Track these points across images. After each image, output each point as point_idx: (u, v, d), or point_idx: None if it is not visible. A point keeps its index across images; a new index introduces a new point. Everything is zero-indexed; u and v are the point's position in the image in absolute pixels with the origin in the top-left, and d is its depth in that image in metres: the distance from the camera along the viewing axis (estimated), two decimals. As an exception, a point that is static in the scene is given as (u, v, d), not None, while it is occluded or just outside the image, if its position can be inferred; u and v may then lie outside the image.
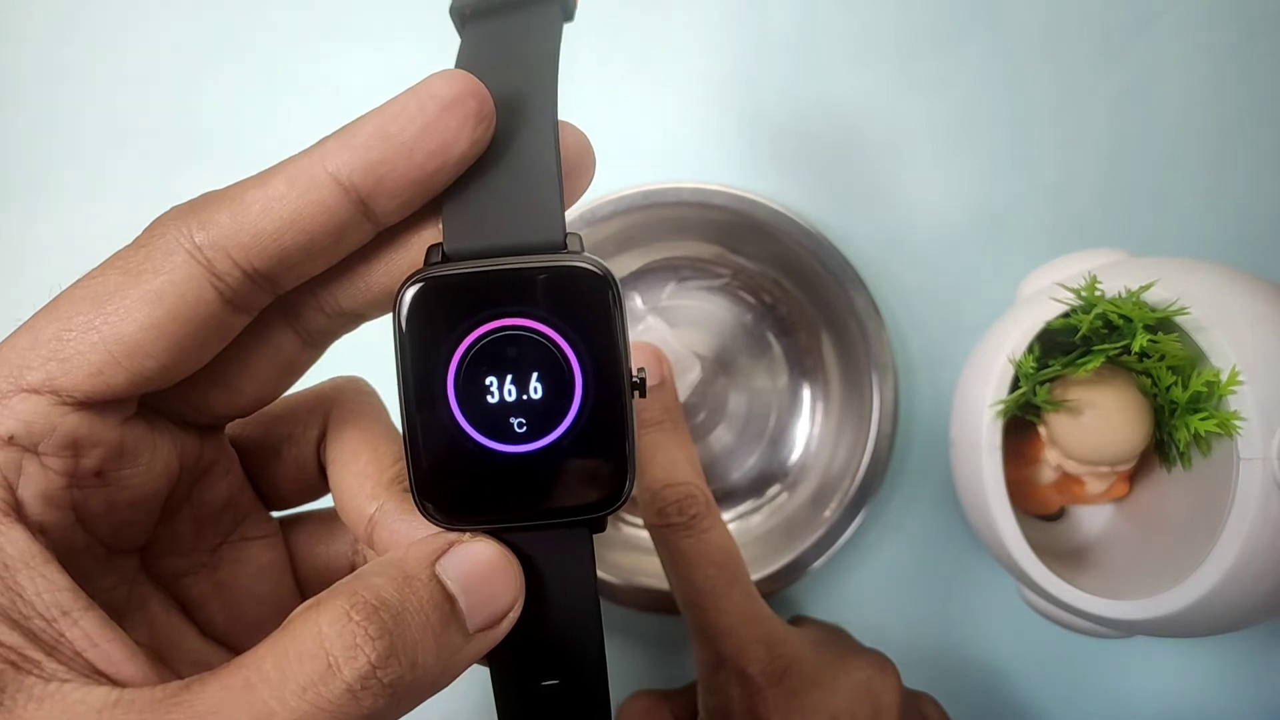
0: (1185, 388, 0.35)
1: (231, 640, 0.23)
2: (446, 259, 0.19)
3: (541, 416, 0.19)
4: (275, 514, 0.25)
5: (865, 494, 0.43)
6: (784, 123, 0.46)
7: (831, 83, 0.46)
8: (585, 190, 0.21)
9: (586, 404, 0.19)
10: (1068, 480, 0.40)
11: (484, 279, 0.18)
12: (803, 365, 0.46)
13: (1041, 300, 0.37)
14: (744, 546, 0.45)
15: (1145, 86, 0.46)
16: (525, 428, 0.19)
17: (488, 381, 0.19)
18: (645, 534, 0.46)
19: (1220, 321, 0.34)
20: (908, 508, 0.46)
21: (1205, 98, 0.46)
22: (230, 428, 0.24)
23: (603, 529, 0.20)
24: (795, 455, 0.47)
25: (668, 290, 0.46)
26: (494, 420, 0.19)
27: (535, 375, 0.19)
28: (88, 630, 0.17)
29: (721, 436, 0.46)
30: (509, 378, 0.19)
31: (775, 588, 0.43)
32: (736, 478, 0.46)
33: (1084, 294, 0.36)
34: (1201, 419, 0.34)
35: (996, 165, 0.46)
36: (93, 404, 0.18)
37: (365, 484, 0.22)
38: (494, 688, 0.21)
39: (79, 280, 0.19)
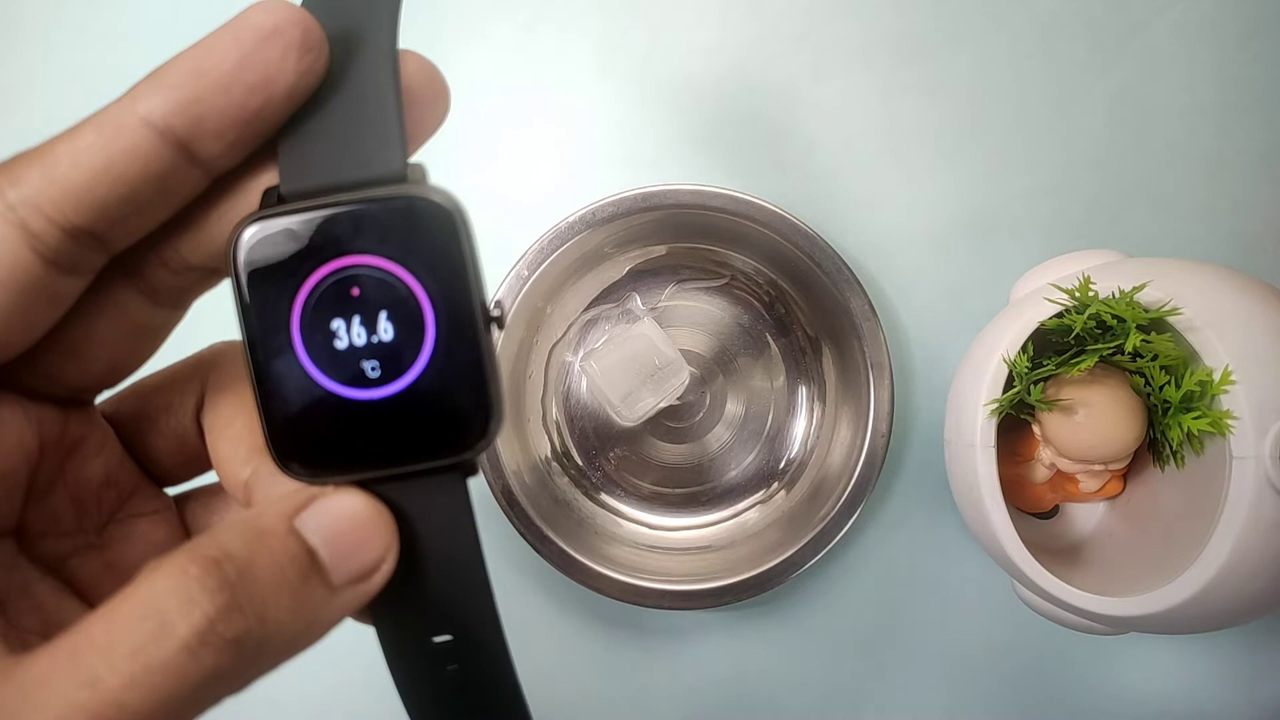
0: (1178, 387, 0.35)
1: None
2: (282, 200, 0.18)
3: (395, 358, 0.18)
4: (171, 491, 0.24)
5: (861, 492, 0.43)
6: (782, 125, 0.47)
7: (829, 85, 0.47)
8: (440, 122, 0.20)
9: (441, 341, 0.18)
10: (1062, 478, 0.40)
11: (319, 217, 0.17)
12: (800, 365, 0.47)
13: (1035, 300, 0.38)
14: (741, 544, 0.46)
15: (1139, 89, 0.47)
16: (379, 371, 0.18)
17: (334, 325, 0.18)
18: (645, 531, 0.46)
19: (1213, 321, 0.34)
20: (904, 506, 0.47)
21: (1199, 100, 0.47)
22: (105, 403, 0.22)
23: (475, 472, 0.19)
24: (792, 454, 0.47)
25: (667, 291, 0.47)
26: (345, 365, 0.18)
27: (384, 315, 0.18)
28: None
29: (719, 435, 0.47)
30: (356, 319, 0.18)
31: (771, 585, 0.43)
32: (734, 476, 0.47)
33: (1077, 294, 0.36)
34: (1194, 418, 0.34)
35: (991, 167, 0.47)
36: None
37: (240, 449, 0.21)
38: (382, 648, 0.20)
39: None
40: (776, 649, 0.47)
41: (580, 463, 0.47)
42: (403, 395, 0.18)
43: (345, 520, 0.18)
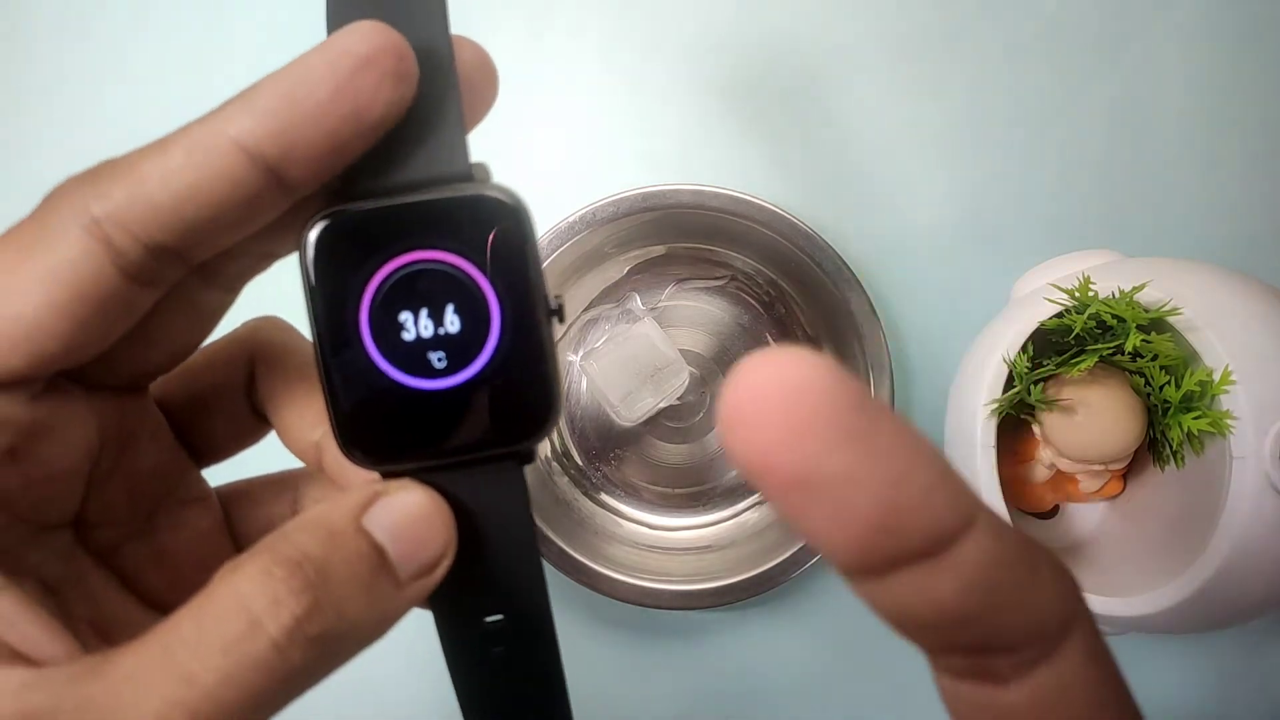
0: (1178, 387, 0.35)
1: (172, 607, 0.22)
2: (349, 197, 0.18)
3: (460, 349, 0.18)
4: (212, 486, 0.25)
5: (862, 493, 0.43)
6: (782, 125, 0.47)
7: (829, 85, 0.47)
8: (491, 106, 0.20)
9: (505, 333, 0.18)
10: (1062, 478, 0.40)
11: (390, 214, 0.18)
12: (800, 365, 0.47)
13: (1035, 301, 0.38)
14: (741, 544, 0.46)
15: (1139, 89, 0.47)
16: (445, 362, 0.18)
17: (402, 318, 0.18)
18: (645, 531, 0.46)
19: (1213, 321, 0.34)
20: (904, 506, 0.46)
21: (1198, 100, 0.47)
22: (153, 388, 0.22)
23: (532, 459, 0.20)
24: (793, 454, 0.47)
25: (666, 291, 0.47)
26: (412, 357, 0.18)
27: (451, 308, 0.18)
28: (3, 611, 0.17)
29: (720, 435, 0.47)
30: (424, 312, 0.18)
31: (772, 585, 0.43)
32: (734, 475, 0.47)
33: (1077, 294, 0.36)
34: (1194, 418, 0.34)
35: (992, 167, 0.47)
36: None
37: (306, 413, 0.22)
38: (438, 629, 0.20)
39: None
40: (777, 649, 0.47)
41: (580, 463, 0.47)
42: (467, 385, 0.18)
43: (409, 517, 0.18)
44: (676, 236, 0.46)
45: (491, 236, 0.18)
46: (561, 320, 0.19)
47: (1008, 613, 0.13)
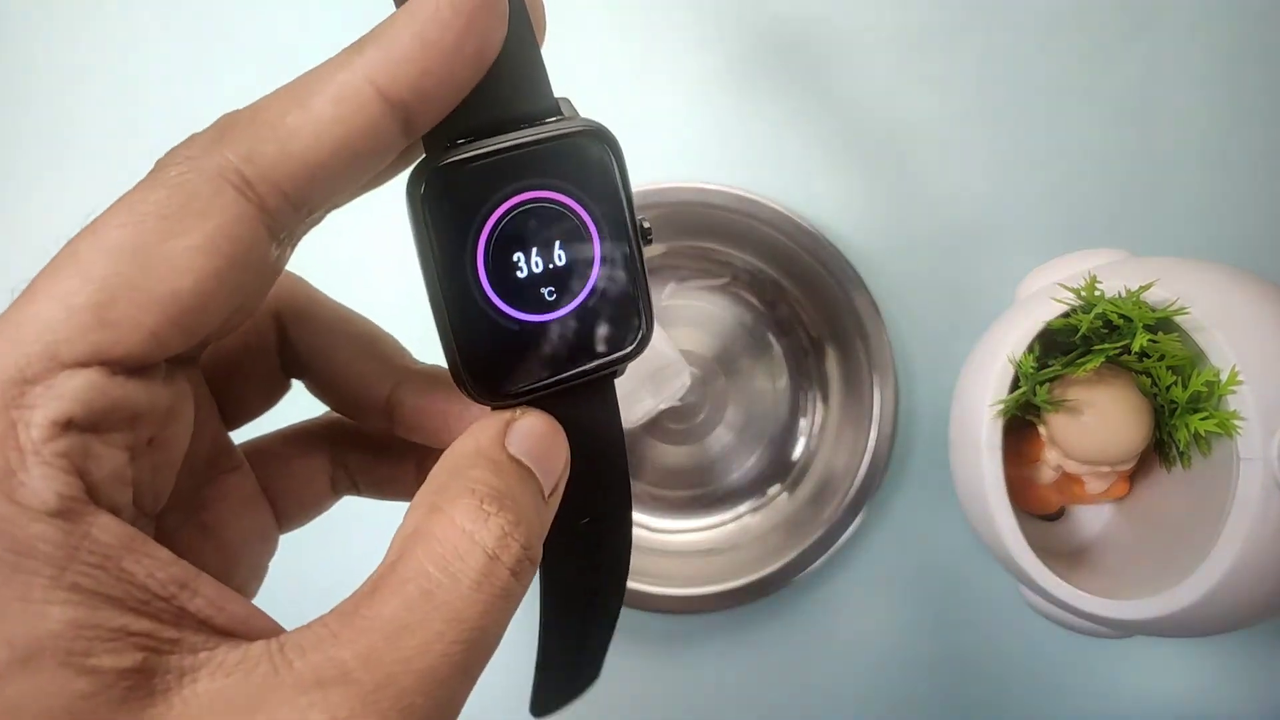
0: (1185, 387, 0.35)
1: (220, 579, 0.22)
2: (448, 142, 0.18)
3: (568, 281, 0.19)
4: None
5: (865, 494, 0.43)
6: (783, 122, 0.47)
7: (832, 82, 0.46)
8: (542, 41, 0.20)
9: (605, 261, 0.19)
10: (1068, 480, 0.40)
11: (495, 157, 0.18)
12: (803, 366, 0.46)
13: (1041, 300, 0.37)
14: (744, 547, 0.45)
15: (1146, 86, 0.46)
16: (555, 295, 0.19)
17: (515, 258, 0.19)
18: (646, 534, 0.46)
19: (1220, 321, 0.34)
20: (908, 508, 0.46)
21: (1205, 97, 0.46)
22: None
23: (621, 373, 0.21)
24: (795, 455, 0.47)
25: (667, 290, 0.46)
26: (526, 294, 0.19)
27: (558, 243, 0.19)
28: (209, 597, 0.17)
29: (721, 437, 0.46)
30: (534, 250, 0.19)
31: (775, 588, 0.43)
32: (736, 478, 0.46)
33: (1084, 294, 0.36)
34: (1201, 419, 0.34)
35: (997, 165, 0.46)
36: (143, 369, 0.17)
37: (368, 366, 0.22)
38: None
39: (96, 228, 0.16)
40: (780, 652, 0.46)
41: (581, 464, 0.47)
42: (574, 313, 0.19)
43: (540, 437, 0.20)
44: (677, 235, 0.45)
45: (588, 170, 0.19)
46: (649, 242, 0.20)
47: None
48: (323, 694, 0.15)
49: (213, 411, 0.22)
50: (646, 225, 0.20)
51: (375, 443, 0.25)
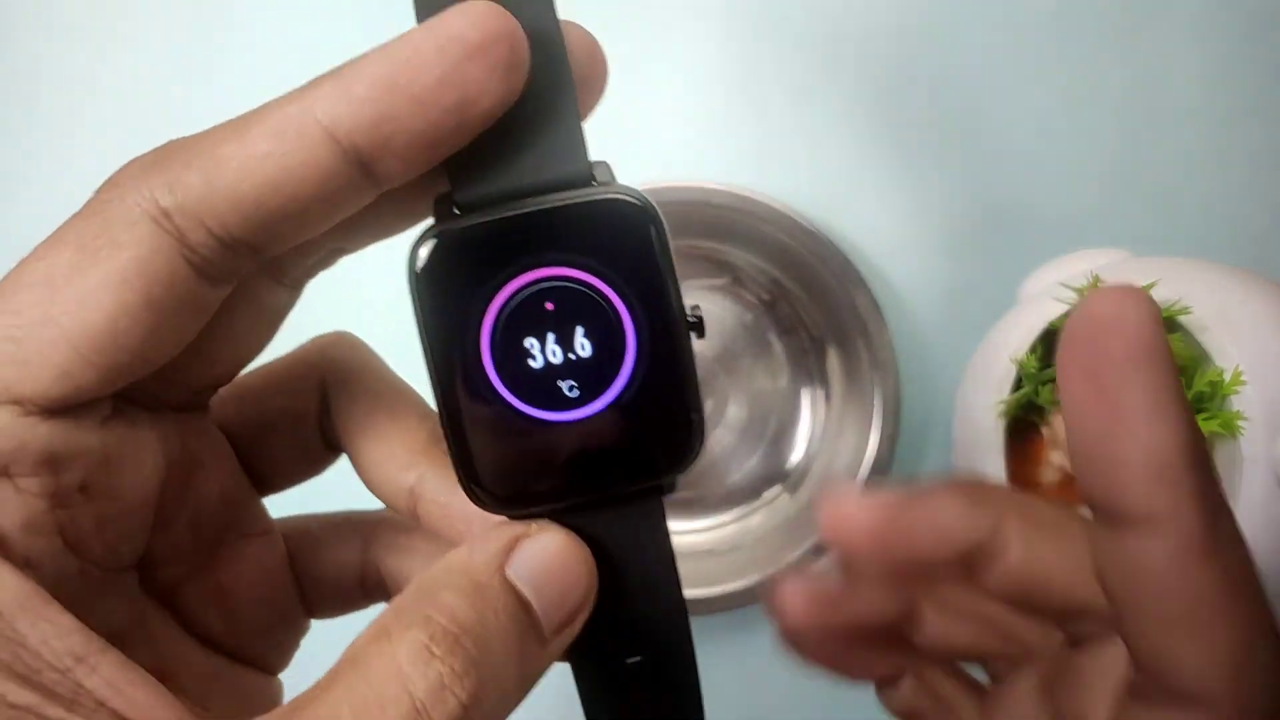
0: (1188, 388, 0.35)
1: (230, 647, 0.21)
2: (460, 209, 0.16)
3: (594, 375, 0.17)
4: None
5: (867, 495, 0.43)
6: (784, 120, 0.46)
7: (832, 80, 0.46)
8: (597, 103, 0.18)
9: (642, 354, 0.17)
10: (1071, 481, 0.40)
11: (507, 227, 0.16)
12: (804, 366, 0.46)
13: (1044, 300, 0.37)
14: (744, 548, 0.45)
15: (1149, 85, 0.46)
16: (577, 390, 0.17)
17: (528, 344, 0.16)
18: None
19: (1223, 321, 0.34)
20: (909, 508, 0.46)
21: (1209, 96, 0.46)
22: (215, 412, 0.21)
23: (674, 490, 0.18)
24: (796, 456, 0.46)
25: (668, 290, 0.46)
26: (541, 387, 0.16)
27: (581, 330, 0.16)
28: (107, 676, 0.15)
29: (722, 437, 0.46)
30: (551, 336, 0.16)
31: (776, 589, 0.43)
32: (737, 478, 0.46)
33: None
34: (1204, 419, 0.34)
35: (999, 164, 0.46)
36: (64, 409, 0.16)
37: (396, 451, 0.20)
38: (574, 672, 0.19)
39: (23, 262, 0.15)
40: (781, 654, 0.46)
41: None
42: (603, 415, 0.17)
43: (551, 565, 0.17)
44: (678, 234, 0.45)
45: (621, 246, 0.16)
46: (701, 335, 0.17)
47: None
48: None
49: (228, 468, 0.21)
50: (698, 315, 0.17)
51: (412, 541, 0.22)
